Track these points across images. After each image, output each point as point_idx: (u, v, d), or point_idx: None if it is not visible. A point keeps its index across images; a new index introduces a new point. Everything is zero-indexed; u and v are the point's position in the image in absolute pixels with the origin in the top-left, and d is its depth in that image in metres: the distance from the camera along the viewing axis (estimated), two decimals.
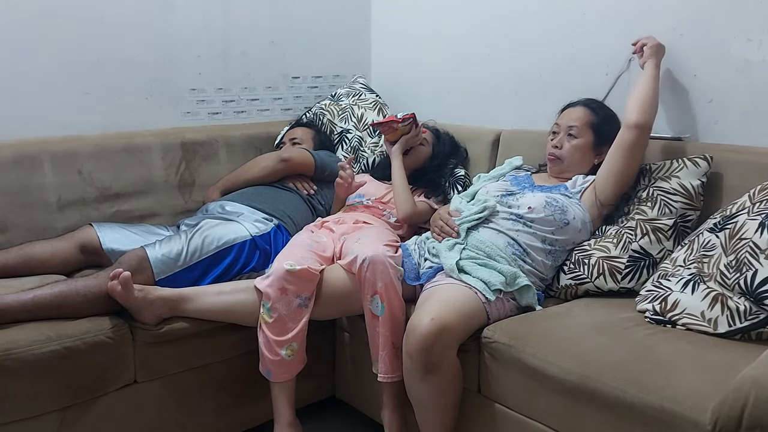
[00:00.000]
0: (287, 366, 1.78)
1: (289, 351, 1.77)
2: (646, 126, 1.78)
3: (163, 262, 1.81)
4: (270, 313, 1.76)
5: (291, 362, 1.78)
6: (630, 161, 1.80)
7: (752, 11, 1.79)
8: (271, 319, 1.76)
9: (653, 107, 1.80)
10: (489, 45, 2.52)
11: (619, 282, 1.76)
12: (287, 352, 1.77)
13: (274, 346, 1.76)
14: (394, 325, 1.76)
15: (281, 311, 1.76)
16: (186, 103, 2.54)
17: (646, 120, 1.78)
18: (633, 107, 1.79)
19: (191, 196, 2.40)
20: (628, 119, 1.78)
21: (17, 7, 2.12)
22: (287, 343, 1.76)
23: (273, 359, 1.77)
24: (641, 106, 1.79)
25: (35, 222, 2.07)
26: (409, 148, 2.26)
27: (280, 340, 1.76)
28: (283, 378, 1.79)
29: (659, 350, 1.43)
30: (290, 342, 1.77)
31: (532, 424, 1.53)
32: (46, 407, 1.60)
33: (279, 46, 2.74)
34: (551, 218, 1.80)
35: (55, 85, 2.23)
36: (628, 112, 1.80)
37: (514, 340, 1.55)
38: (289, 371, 1.79)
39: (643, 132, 1.78)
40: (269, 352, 1.77)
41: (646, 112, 1.78)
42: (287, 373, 1.79)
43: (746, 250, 1.47)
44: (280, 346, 1.76)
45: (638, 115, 1.77)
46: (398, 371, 1.76)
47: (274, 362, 1.77)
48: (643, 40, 1.93)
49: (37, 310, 1.62)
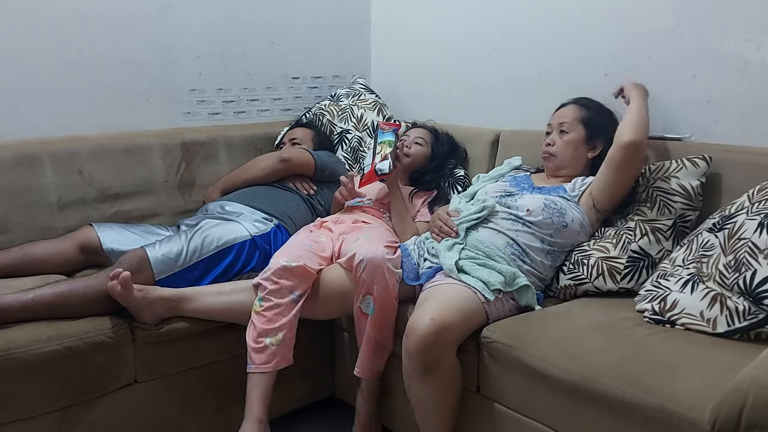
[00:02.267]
0: (269, 356, 1.75)
1: (274, 340, 1.75)
2: (638, 145, 1.75)
3: (163, 262, 1.81)
4: (261, 302, 1.77)
5: (273, 352, 1.75)
6: (625, 178, 1.79)
7: (752, 12, 1.80)
8: (261, 308, 1.77)
9: (644, 128, 1.78)
10: (489, 45, 2.52)
11: (618, 282, 1.76)
12: (271, 341, 1.75)
13: (258, 335, 1.75)
14: (381, 325, 1.78)
15: (273, 301, 1.76)
16: (186, 104, 2.54)
17: (637, 138, 1.74)
18: (625, 127, 1.78)
19: (191, 196, 2.40)
20: (620, 139, 1.76)
21: (17, 7, 2.12)
22: (273, 332, 1.75)
23: (255, 347, 1.75)
24: (632, 127, 1.77)
25: (35, 222, 2.08)
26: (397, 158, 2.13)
27: (267, 328, 1.75)
28: (262, 368, 1.75)
29: (658, 350, 1.43)
30: (276, 331, 1.75)
31: (532, 423, 1.53)
32: (46, 407, 1.60)
33: (279, 47, 2.74)
34: (549, 221, 1.80)
35: (55, 85, 2.23)
36: (619, 132, 1.78)
37: (513, 340, 1.55)
38: (270, 361, 1.75)
39: (635, 150, 1.75)
40: (253, 341, 1.76)
41: (638, 132, 1.76)
42: (267, 364, 1.75)
43: (745, 250, 1.47)
44: (266, 334, 1.75)
45: (629, 134, 1.75)
46: (374, 371, 1.81)
47: (256, 349, 1.75)
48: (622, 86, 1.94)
49: (37, 310, 1.62)
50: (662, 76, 1.99)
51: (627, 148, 1.75)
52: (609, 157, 1.79)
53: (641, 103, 1.84)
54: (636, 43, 2.06)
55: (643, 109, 1.83)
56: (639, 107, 1.83)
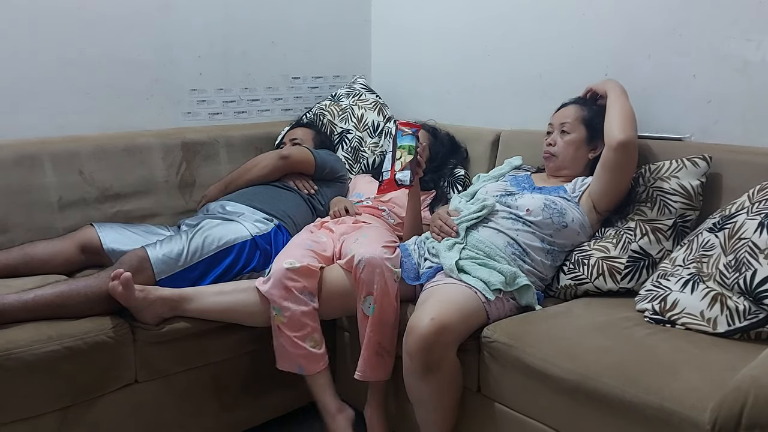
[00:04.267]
0: (317, 357, 1.80)
1: (313, 342, 1.79)
2: (629, 144, 1.74)
3: (163, 262, 1.81)
4: (282, 312, 1.77)
5: (318, 353, 1.80)
6: (620, 179, 1.79)
7: (752, 12, 1.80)
8: (285, 319, 1.77)
9: (632, 123, 1.76)
10: (489, 45, 2.52)
11: (618, 282, 1.76)
12: (311, 344, 1.79)
13: (298, 342, 1.78)
14: (381, 327, 1.77)
15: (292, 309, 1.77)
16: (186, 104, 2.54)
17: (627, 137, 1.73)
18: (612, 127, 1.76)
19: (192, 196, 2.40)
20: (610, 140, 1.75)
21: (17, 6, 2.12)
22: (308, 335, 1.79)
23: (301, 353, 1.79)
24: (620, 125, 1.75)
25: (36, 222, 2.08)
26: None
27: (301, 334, 1.78)
28: (316, 369, 1.81)
29: (659, 350, 1.43)
30: (311, 334, 1.79)
31: (532, 423, 1.53)
32: (46, 407, 1.60)
33: (279, 47, 2.74)
34: (549, 221, 1.80)
35: (56, 85, 2.23)
36: (608, 133, 1.77)
37: (513, 340, 1.55)
38: (320, 361, 1.81)
39: (627, 150, 1.74)
40: (295, 348, 1.79)
41: (625, 130, 1.74)
42: (318, 364, 1.81)
43: (745, 249, 1.47)
44: (303, 339, 1.78)
45: (619, 134, 1.73)
46: (376, 373, 1.79)
47: (303, 356, 1.79)
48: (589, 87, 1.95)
49: (37, 310, 1.62)
50: (662, 76, 1.99)
51: (619, 149, 1.73)
52: (603, 159, 1.78)
53: (620, 97, 1.82)
54: (636, 43, 2.06)
55: (625, 104, 1.80)
56: (621, 103, 1.80)
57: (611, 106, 1.82)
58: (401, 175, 1.91)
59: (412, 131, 1.96)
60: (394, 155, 1.94)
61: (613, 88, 1.87)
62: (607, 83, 1.91)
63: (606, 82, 1.93)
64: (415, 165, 1.93)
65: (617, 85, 1.89)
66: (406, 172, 1.91)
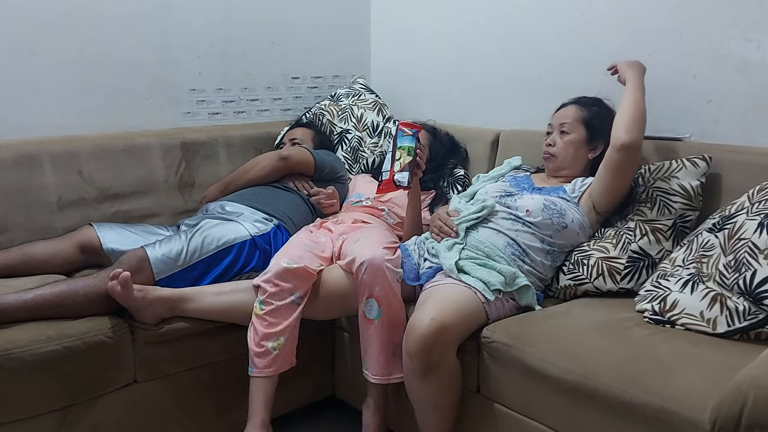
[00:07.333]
0: (272, 360, 1.75)
1: (276, 344, 1.75)
2: (634, 146, 1.72)
3: (163, 262, 1.81)
4: (262, 305, 1.76)
5: (276, 356, 1.75)
6: (622, 179, 1.78)
7: (751, 11, 1.80)
8: (261, 312, 1.76)
9: (640, 123, 1.74)
10: (489, 45, 2.52)
11: (618, 282, 1.76)
12: (273, 345, 1.75)
13: (260, 339, 1.75)
14: (394, 327, 1.76)
15: (274, 304, 1.75)
16: (186, 104, 2.54)
17: (633, 139, 1.71)
18: (619, 126, 1.74)
19: (191, 196, 2.40)
20: (615, 140, 1.73)
21: (17, 7, 2.12)
22: (275, 336, 1.75)
23: (258, 351, 1.75)
24: (627, 126, 1.72)
25: (35, 222, 2.07)
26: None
27: (268, 332, 1.75)
28: (265, 372, 1.75)
29: (658, 350, 1.43)
30: (278, 335, 1.75)
31: (532, 424, 1.53)
32: (46, 407, 1.60)
33: (279, 47, 2.74)
34: (549, 221, 1.80)
35: (55, 85, 2.23)
36: (614, 132, 1.75)
37: (513, 340, 1.55)
38: (272, 366, 1.75)
39: (630, 152, 1.72)
40: (255, 344, 1.76)
41: (632, 132, 1.71)
42: (270, 368, 1.75)
43: (745, 250, 1.47)
44: (268, 338, 1.75)
45: (624, 136, 1.71)
46: (394, 373, 1.76)
47: (258, 353, 1.75)
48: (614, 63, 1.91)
49: (37, 310, 1.62)
50: (662, 76, 1.99)
51: (622, 150, 1.72)
52: (606, 159, 1.78)
53: (635, 92, 1.78)
54: (636, 43, 2.06)
55: (639, 100, 1.77)
56: (633, 98, 1.77)
57: (623, 100, 1.79)
58: (400, 176, 1.92)
59: (413, 132, 1.95)
60: (393, 156, 1.94)
61: (633, 78, 1.81)
62: (629, 71, 1.83)
63: (629, 67, 1.85)
64: (414, 166, 1.93)
65: (638, 75, 1.82)
66: (405, 173, 1.91)
